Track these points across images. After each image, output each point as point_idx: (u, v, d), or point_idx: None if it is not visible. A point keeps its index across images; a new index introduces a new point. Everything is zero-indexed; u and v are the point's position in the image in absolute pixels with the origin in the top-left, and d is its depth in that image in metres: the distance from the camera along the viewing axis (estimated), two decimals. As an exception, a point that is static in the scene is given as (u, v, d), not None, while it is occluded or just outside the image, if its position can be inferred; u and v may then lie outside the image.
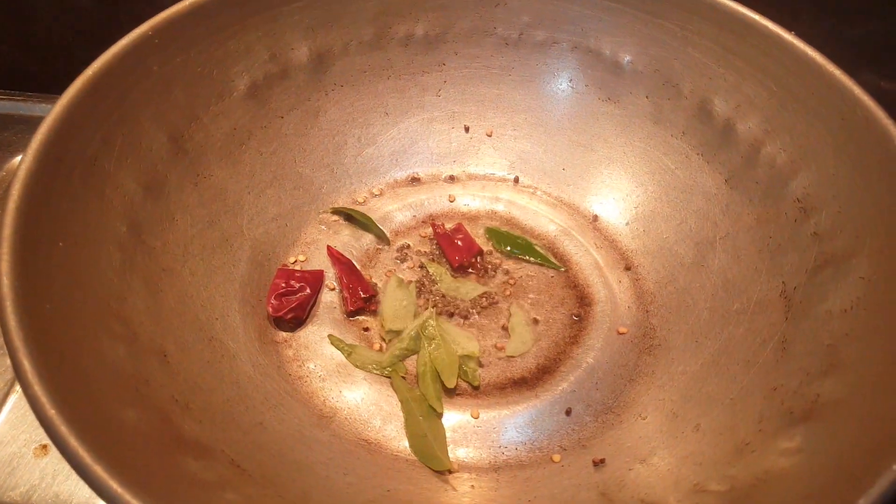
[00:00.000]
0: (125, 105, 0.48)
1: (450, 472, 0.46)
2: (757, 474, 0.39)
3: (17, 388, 0.52)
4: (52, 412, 0.32)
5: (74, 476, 0.47)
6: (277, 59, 0.58)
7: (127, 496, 0.31)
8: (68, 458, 0.31)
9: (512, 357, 0.52)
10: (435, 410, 0.48)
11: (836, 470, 0.35)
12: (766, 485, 0.38)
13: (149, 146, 0.50)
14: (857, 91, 0.48)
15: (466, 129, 0.65)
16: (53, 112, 0.43)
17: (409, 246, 0.59)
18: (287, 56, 0.59)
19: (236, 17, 0.55)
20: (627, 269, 0.58)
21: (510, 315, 0.54)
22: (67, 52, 0.77)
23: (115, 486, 0.31)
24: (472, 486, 0.45)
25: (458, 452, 0.47)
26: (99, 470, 0.31)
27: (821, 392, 0.41)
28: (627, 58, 0.60)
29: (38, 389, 0.32)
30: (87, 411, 0.34)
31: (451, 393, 0.50)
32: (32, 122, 0.65)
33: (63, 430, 0.32)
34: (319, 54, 0.60)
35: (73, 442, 0.31)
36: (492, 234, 0.60)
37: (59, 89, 0.44)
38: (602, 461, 0.46)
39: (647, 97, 0.60)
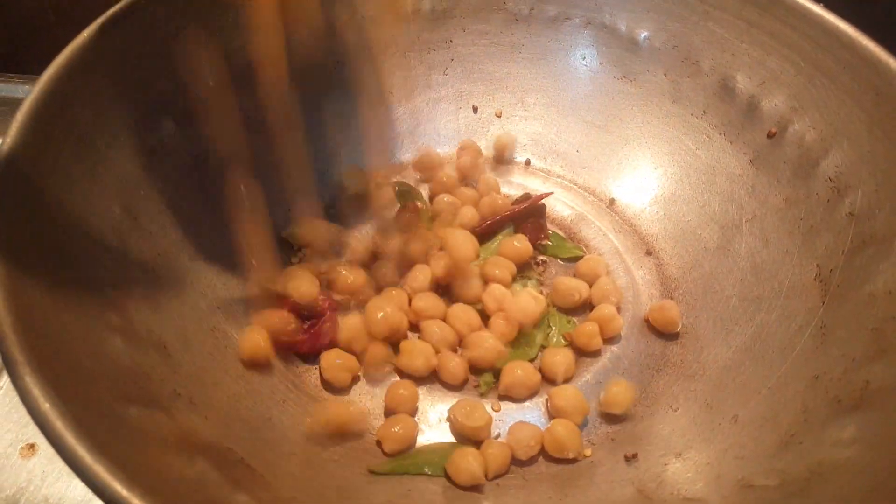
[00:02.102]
0: (117, 76, 0.45)
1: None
2: (810, 467, 0.36)
3: (1, 384, 0.48)
4: (46, 406, 0.29)
5: (65, 477, 0.44)
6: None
7: (132, 498, 0.27)
8: (65, 457, 0.28)
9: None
10: None
11: (901, 460, 0.33)
12: (822, 478, 0.35)
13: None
14: (894, 64, 0.46)
15: (475, 110, 0.62)
16: (40, 82, 0.40)
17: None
18: (287, 31, 0.55)
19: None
20: (648, 253, 0.55)
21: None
22: (48, 32, 0.73)
23: (118, 486, 0.27)
24: (498, 483, 0.42)
25: (480, 448, 0.44)
26: (100, 469, 0.27)
27: (870, 378, 0.38)
28: (644, 34, 0.57)
29: (30, 381, 0.29)
30: (84, 407, 0.31)
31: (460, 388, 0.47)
32: (13, 104, 0.61)
33: (59, 425, 0.28)
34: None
35: (71, 439, 0.28)
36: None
37: (40, 70, 0.41)
38: (635, 456, 0.43)
39: (665, 75, 0.57)
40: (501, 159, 0.61)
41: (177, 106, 0.48)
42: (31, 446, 0.45)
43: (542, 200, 0.56)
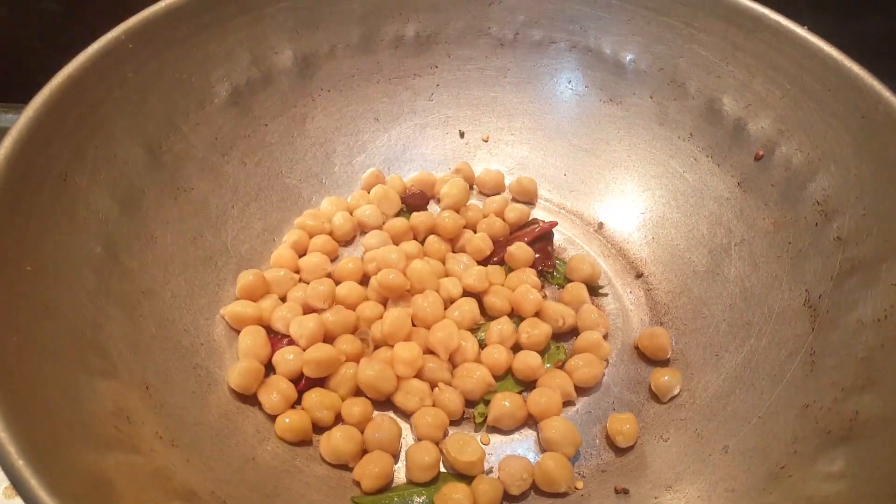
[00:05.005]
0: (97, 115, 0.44)
1: None
2: (799, 503, 0.36)
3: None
4: (19, 463, 0.28)
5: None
6: (260, 64, 0.55)
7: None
8: (36, 513, 0.27)
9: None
10: None
11: (891, 497, 0.32)
12: (812, 514, 0.35)
13: (124, 159, 0.46)
14: (878, 87, 0.45)
15: (462, 135, 0.62)
16: (19, 123, 0.39)
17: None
18: (271, 60, 0.55)
19: (216, 18, 0.51)
20: (638, 276, 0.55)
21: None
22: (34, 59, 0.73)
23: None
24: (487, 519, 0.42)
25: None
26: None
27: (859, 409, 0.38)
28: (630, 56, 0.57)
29: (4, 437, 0.28)
30: (60, 458, 0.30)
31: (457, 423, 0.47)
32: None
33: (33, 483, 0.28)
34: (305, 58, 0.57)
35: (45, 497, 0.28)
36: None
37: (25, 98, 0.41)
38: (625, 491, 0.43)
39: (651, 97, 0.57)
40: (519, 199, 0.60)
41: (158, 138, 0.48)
42: (14, 489, 0.45)
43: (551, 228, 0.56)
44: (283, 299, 0.50)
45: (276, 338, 0.48)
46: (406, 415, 0.46)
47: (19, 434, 0.29)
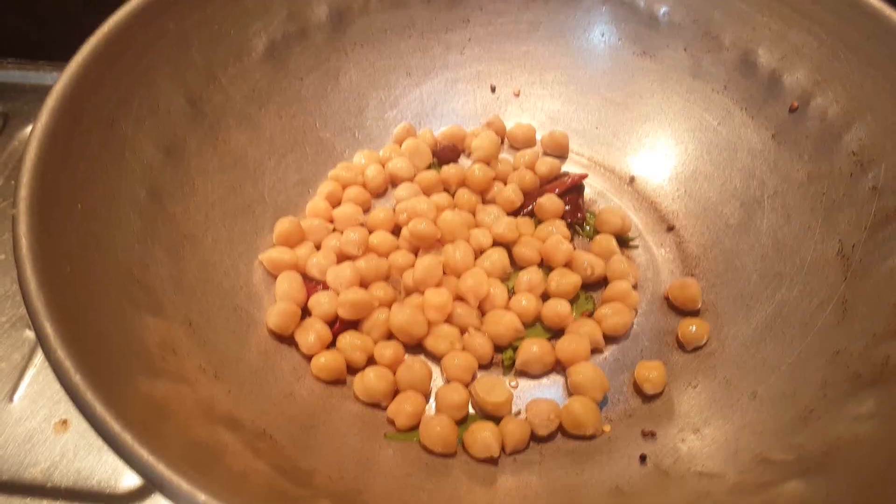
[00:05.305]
0: (142, 65, 0.46)
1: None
2: (828, 442, 0.36)
3: (36, 361, 0.50)
4: (76, 378, 0.30)
5: (95, 452, 0.46)
6: (296, 18, 0.56)
7: (158, 465, 0.29)
8: (95, 427, 0.29)
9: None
10: None
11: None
12: (839, 452, 0.35)
13: (167, 108, 0.47)
14: (919, 34, 0.45)
15: (493, 89, 0.62)
16: (69, 70, 0.41)
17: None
18: (306, 14, 0.56)
19: (253, -29, 0.52)
20: (669, 229, 0.55)
21: None
22: (75, 19, 0.75)
23: (144, 454, 0.29)
24: (515, 458, 0.43)
25: (498, 424, 0.45)
26: (128, 438, 0.29)
27: (890, 353, 0.38)
28: (664, 9, 0.57)
29: (61, 355, 0.30)
30: (113, 380, 0.32)
31: (485, 367, 0.48)
32: (42, 91, 0.63)
33: (89, 397, 0.29)
34: (339, 12, 0.57)
35: (101, 410, 0.29)
36: None
37: (68, 57, 0.42)
38: (652, 434, 0.43)
39: (685, 50, 0.57)
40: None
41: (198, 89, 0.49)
42: (64, 422, 0.47)
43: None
44: (318, 248, 0.52)
45: (312, 284, 0.49)
46: (436, 358, 0.47)
47: (75, 354, 0.31)
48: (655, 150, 0.58)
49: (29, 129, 0.59)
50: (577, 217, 0.55)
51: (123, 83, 0.44)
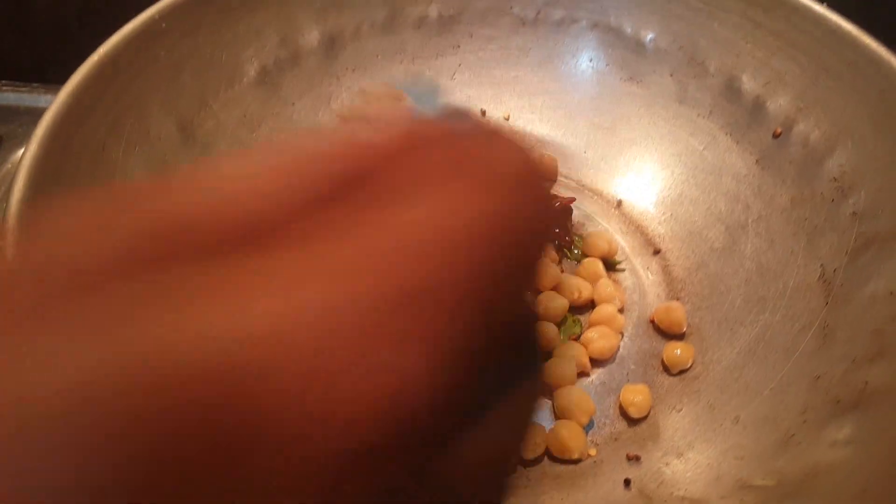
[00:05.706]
0: (132, 92, 0.46)
1: None
2: (805, 468, 0.37)
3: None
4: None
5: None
6: (288, 43, 0.56)
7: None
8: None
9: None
10: None
11: (893, 461, 0.33)
12: (816, 478, 0.36)
13: (157, 134, 0.48)
14: (897, 63, 0.46)
15: (483, 114, 0.63)
16: (60, 96, 0.41)
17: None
18: (297, 40, 0.57)
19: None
20: (656, 252, 0.55)
21: None
22: (70, 41, 0.76)
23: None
24: (501, 482, 0.43)
25: (484, 447, 0.45)
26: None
27: (869, 379, 0.39)
28: (650, 35, 0.58)
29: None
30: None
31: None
32: (37, 114, 0.63)
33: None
34: (331, 37, 0.58)
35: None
36: None
37: (62, 79, 0.43)
38: (637, 457, 0.44)
39: (671, 76, 0.58)
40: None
41: (189, 115, 0.50)
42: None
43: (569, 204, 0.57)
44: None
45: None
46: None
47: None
48: (642, 174, 0.59)
49: (21, 152, 0.59)
50: (566, 240, 0.55)
51: (114, 109, 0.45)
